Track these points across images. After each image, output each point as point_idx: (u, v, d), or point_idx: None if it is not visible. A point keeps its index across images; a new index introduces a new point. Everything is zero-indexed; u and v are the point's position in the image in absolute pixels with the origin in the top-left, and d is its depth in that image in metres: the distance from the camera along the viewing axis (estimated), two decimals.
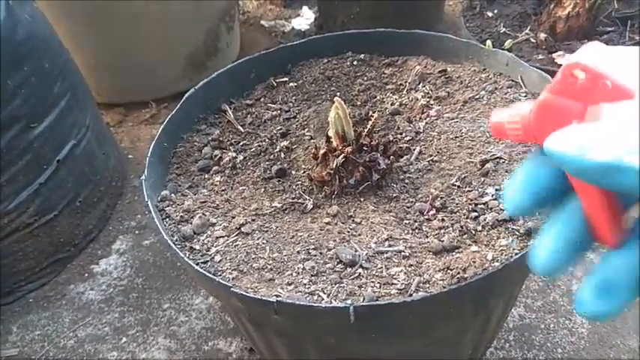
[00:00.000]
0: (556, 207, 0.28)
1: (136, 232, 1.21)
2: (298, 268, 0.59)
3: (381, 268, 0.58)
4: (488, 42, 0.96)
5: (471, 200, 0.65)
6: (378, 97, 0.85)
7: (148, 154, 0.72)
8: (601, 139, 0.22)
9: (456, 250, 0.60)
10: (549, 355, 0.91)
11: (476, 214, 0.63)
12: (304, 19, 1.86)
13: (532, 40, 1.15)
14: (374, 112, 0.78)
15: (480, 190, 0.66)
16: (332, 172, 0.68)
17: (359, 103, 0.85)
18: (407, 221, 0.65)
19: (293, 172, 0.74)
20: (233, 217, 0.67)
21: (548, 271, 0.29)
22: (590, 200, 0.27)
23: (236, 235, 0.64)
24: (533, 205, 0.28)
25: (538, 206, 0.28)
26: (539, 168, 0.28)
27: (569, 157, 0.23)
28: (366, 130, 0.70)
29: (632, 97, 0.23)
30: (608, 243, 0.28)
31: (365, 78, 0.88)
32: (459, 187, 0.67)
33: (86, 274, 1.13)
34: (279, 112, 0.85)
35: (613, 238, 0.27)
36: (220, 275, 0.59)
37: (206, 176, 0.75)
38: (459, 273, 0.55)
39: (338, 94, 0.85)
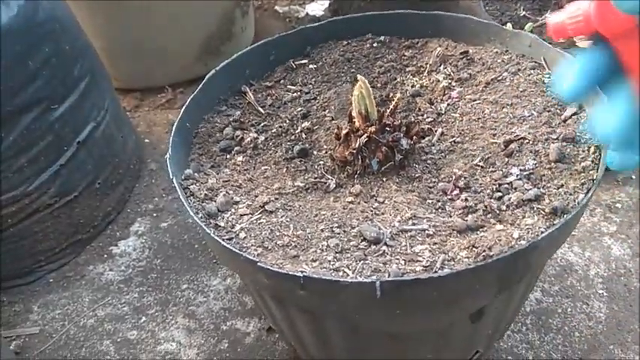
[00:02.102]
0: (607, 92, 0.34)
1: (154, 214, 1.22)
2: (322, 246, 0.60)
3: (406, 245, 0.59)
4: (509, 25, 0.95)
5: (495, 180, 0.65)
6: (398, 79, 0.85)
7: (171, 134, 0.72)
8: None
9: (481, 229, 0.60)
10: (566, 338, 0.91)
11: (500, 194, 0.63)
12: (319, 4, 1.86)
13: None
14: (395, 94, 0.78)
15: (503, 170, 0.66)
16: (355, 151, 0.68)
17: (379, 85, 0.85)
18: (430, 201, 0.65)
19: (315, 153, 0.75)
20: (256, 196, 0.68)
21: (620, 126, 0.33)
22: None
23: (260, 213, 0.65)
24: (588, 86, 0.33)
25: (592, 88, 0.33)
26: (596, 53, 0.32)
27: None
28: (388, 111, 0.69)
29: None
30: None
31: (385, 60, 0.88)
32: (482, 167, 0.67)
33: (105, 255, 1.14)
34: (299, 93, 0.85)
35: None
36: (246, 252, 0.59)
37: (228, 156, 0.76)
38: (484, 251, 0.55)
39: (358, 75, 0.84)
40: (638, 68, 0.31)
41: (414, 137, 0.70)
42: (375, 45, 0.91)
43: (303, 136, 0.77)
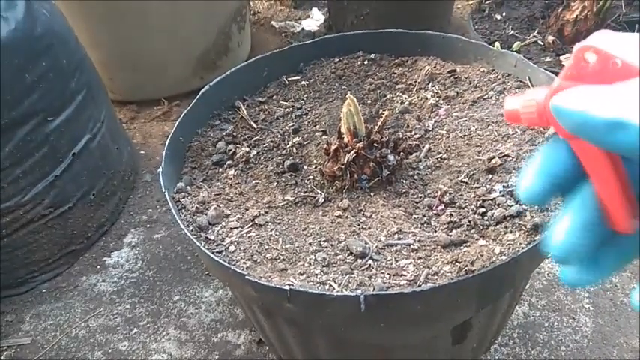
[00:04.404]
0: (569, 196, 0.28)
1: (148, 225, 1.23)
2: (310, 259, 0.61)
3: (391, 260, 0.60)
4: (497, 44, 0.98)
5: (479, 196, 0.67)
6: (388, 96, 0.87)
7: (165, 148, 0.74)
8: (605, 98, 0.23)
9: (464, 244, 0.61)
10: (553, 352, 0.93)
11: (483, 209, 0.65)
12: (314, 20, 1.89)
13: (540, 42, 1.16)
14: (384, 110, 0.80)
15: (487, 186, 0.68)
16: (343, 167, 0.70)
17: (369, 101, 0.87)
18: (416, 216, 0.67)
19: (305, 167, 0.76)
20: (247, 210, 0.69)
21: (565, 253, 0.28)
22: (602, 182, 0.27)
23: (250, 227, 0.66)
24: (546, 192, 0.28)
25: (551, 193, 0.28)
26: (554, 154, 0.28)
27: (574, 113, 0.24)
28: (376, 127, 0.71)
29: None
30: (620, 228, 0.27)
31: (375, 77, 0.90)
32: (467, 183, 0.69)
33: (98, 266, 1.15)
34: (291, 109, 0.87)
35: (625, 223, 0.27)
36: (235, 264, 0.61)
37: (220, 170, 0.77)
38: (466, 265, 0.57)
39: (349, 92, 0.86)
40: (592, 176, 0.27)
41: (402, 153, 0.72)
42: (366, 62, 0.93)
43: (294, 151, 0.79)
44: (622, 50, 0.24)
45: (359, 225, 0.66)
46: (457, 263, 0.58)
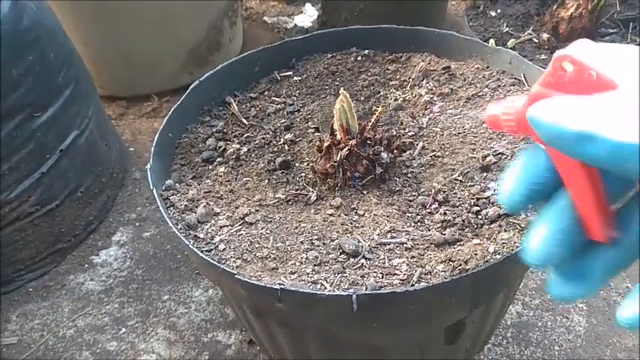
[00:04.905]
0: (547, 202, 0.28)
1: (136, 224, 1.21)
2: (301, 258, 0.60)
3: (384, 259, 0.59)
4: (492, 41, 0.97)
5: (473, 195, 0.66)
6: (381, 93, 0.86)
7: (153, 144, 0.72)
8: (576, 111, 0.23)
9: (458, 243, 0.60)
10: (546, 352, 0.92)
11: (478, 208, 0.64)
12: (307, 16, 1.87)
13: (535, 40, 1.16)
14: (378, 107, 0.78)
15: (481, 184, 0.67)
16: (336, 164, 0.69)
17: (363, 98, 0.86)
18: (409, 214, 0.66)
19: (297, 165, 0.75)
20: (237, 207, 0.68)
21: (541, 260, 0.28)
22: (578, 192, 0.27)
23: (240, 225, 0.65)
24: (526, 197, 0.28)
25: (531, 199, 0.28)
26: (534, 160, 0.28)
27: (547, 125, 0.24)
28: (370, 124, 0.70)
29: (615, 89, 0.24)
30: (596, 237, 0.28)
31: (369, 73, 0.89)
32: (461, 181, 0.68)
33: (86, 265, 1.13)
34: (283, 105, 0.85)
35: (601, 232, 0.27)
36: (224, 263, 0.59)
37: (210, 167, 0.76)
38: (460, 265, 0.56)
39: (342, 88, 0.85)
40: (568, 184, 0.27)
41: (395, 151, 0.71)
42: (359, 58, 0.92)
43: (286, 148, 0.78)
44: (599, 62, 0.24)
45: (351, 223, 0.65)
46: (451, 262, 0.57)
